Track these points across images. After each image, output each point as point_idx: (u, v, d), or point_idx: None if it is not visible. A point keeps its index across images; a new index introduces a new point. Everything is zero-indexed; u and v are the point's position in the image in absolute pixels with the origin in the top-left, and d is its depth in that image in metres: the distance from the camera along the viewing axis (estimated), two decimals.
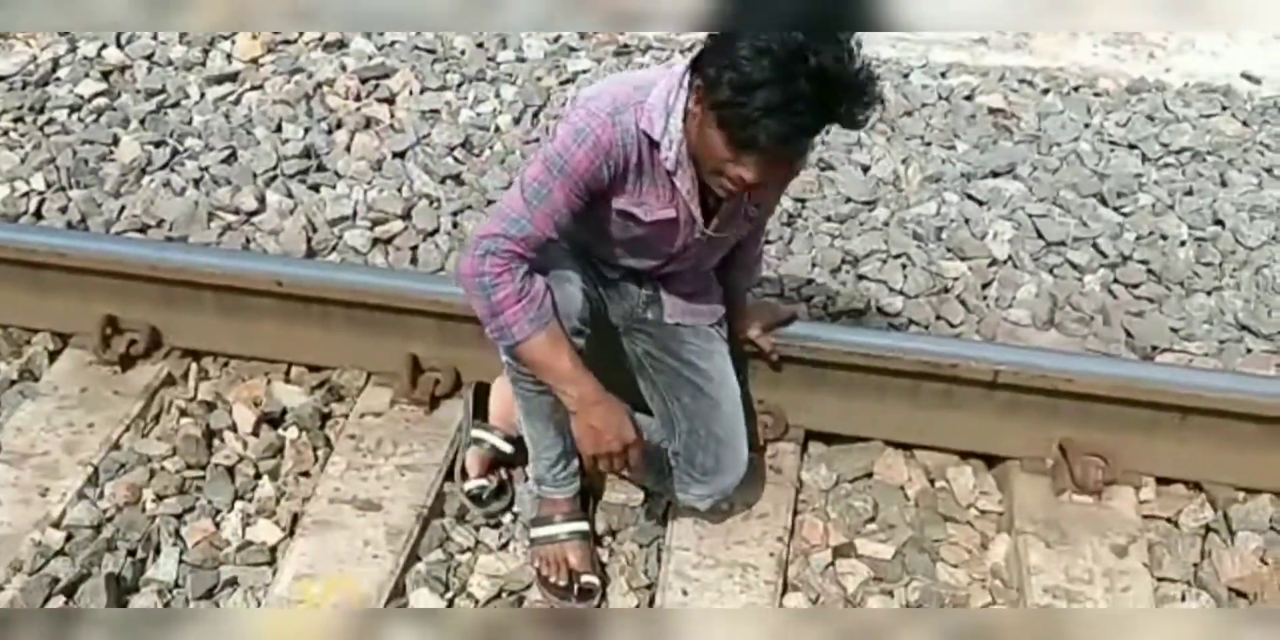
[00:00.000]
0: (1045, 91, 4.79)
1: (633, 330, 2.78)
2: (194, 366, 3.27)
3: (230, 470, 2.97)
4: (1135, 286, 3.67)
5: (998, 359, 2.92)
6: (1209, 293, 3.66)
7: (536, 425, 2.67)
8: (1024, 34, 5.33)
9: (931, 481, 3.05)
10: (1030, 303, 3.58)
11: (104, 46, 4.57)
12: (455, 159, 4.09)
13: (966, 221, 3.87)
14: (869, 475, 3.05)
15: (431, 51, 4.69)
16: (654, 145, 2.30)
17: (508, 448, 2.93)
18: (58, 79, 4.42)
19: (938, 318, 3.53)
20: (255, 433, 3.07)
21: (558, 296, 2.39)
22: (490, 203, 3.85)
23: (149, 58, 4.56)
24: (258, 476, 2.98)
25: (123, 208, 3.81)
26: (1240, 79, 5.02)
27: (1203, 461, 2.97)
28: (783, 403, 3.07)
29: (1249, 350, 3.47)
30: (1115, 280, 3.69)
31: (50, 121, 4.22)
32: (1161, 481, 3.02)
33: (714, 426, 2.70)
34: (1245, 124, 4.56)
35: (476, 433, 2.95)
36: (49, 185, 3.90)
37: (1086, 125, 4.49)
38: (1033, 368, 2.90)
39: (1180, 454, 2.97)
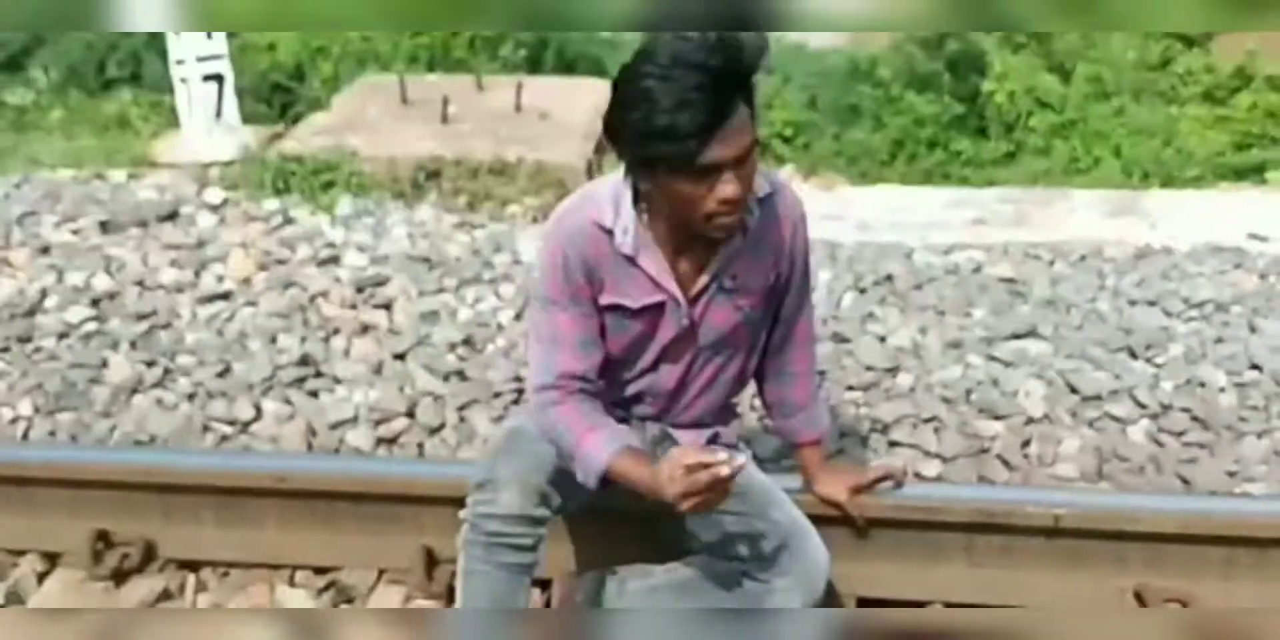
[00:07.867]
0: (1052, 262, 4.71)
1: None
2: (192, 578, 3.04)
3: None
4: (1181, 434, 3.47)
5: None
6: (1259, 435, 3.46)
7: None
8: (1021, 210, 5.32)
9: None
10: (1075, 457, 3.38)
11: (92, 275, 4.49)
12: (458, 356, 3.94)
13: (995, 382, 3.70)
14: None
15: (426, 259, 4.62)
16: (609, 234, 2.27)
17: None
18: (44, 309, 4.31)
19: (980, 478, 3.32)
20: None
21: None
22: (497, 395, 3.69)
23: (139, 283, 4.47)
24: None
25: (113, 427, 3.64)
26: (1248, 239, 4.96)
27: None
28: None
29: None
30: (1160, 430, 3.50)
31: (38, 350, 4.08)
32: None
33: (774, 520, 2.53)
34: (1263, 277, 4.45)
35: None
36: (36, 409, 3.74)
37: (1101, 287, 4.39)
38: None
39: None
